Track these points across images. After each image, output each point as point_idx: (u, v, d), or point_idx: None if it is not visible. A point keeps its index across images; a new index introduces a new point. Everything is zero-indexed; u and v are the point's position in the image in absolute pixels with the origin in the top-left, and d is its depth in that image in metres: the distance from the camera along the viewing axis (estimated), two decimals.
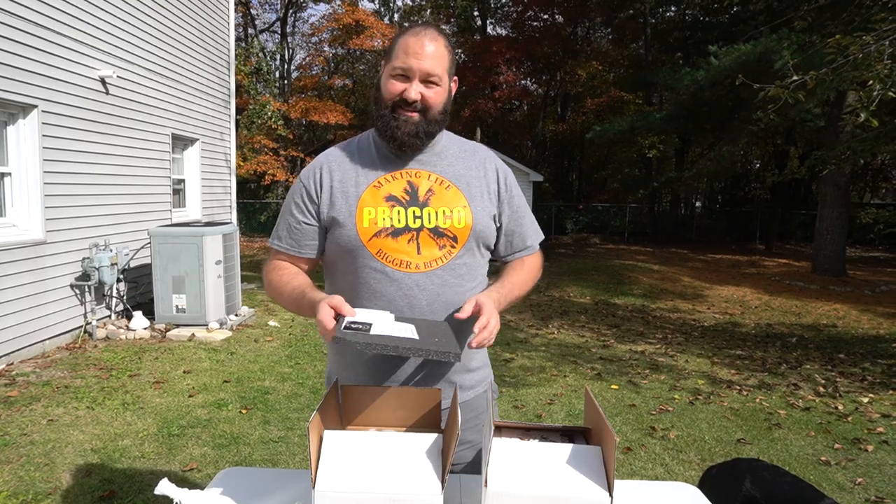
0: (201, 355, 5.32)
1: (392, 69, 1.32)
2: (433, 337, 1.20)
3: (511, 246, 1.50)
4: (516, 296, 1.44)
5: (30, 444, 3.40)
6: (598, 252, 16.73)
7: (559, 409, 4.23)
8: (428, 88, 1.32)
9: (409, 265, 1.33)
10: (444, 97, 1.36)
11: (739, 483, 1.66)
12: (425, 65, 1.29)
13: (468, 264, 1.38)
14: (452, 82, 1.39)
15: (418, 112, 1.33)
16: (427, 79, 1.31)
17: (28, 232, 5.17)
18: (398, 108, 1.33)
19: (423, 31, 1.32)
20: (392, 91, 1.32)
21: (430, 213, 1.35)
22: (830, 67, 5.11)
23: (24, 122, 5.10)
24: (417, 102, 1.32)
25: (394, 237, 1.33)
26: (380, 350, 1.11)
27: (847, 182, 12.54)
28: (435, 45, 1.31)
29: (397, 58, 1.31)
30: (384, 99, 1.34)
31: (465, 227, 1.36)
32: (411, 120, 1.33)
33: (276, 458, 3.33)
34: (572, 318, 7.83)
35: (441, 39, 1.33)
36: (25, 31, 4.98)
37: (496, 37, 23.08)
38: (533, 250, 1.54)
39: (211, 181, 8.92)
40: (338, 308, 1.19)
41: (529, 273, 1.50)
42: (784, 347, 6.47)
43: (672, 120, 15.19)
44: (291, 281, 1.38)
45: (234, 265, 6.55)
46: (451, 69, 1.37)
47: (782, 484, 1.64)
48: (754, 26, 12.28)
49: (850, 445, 3.71)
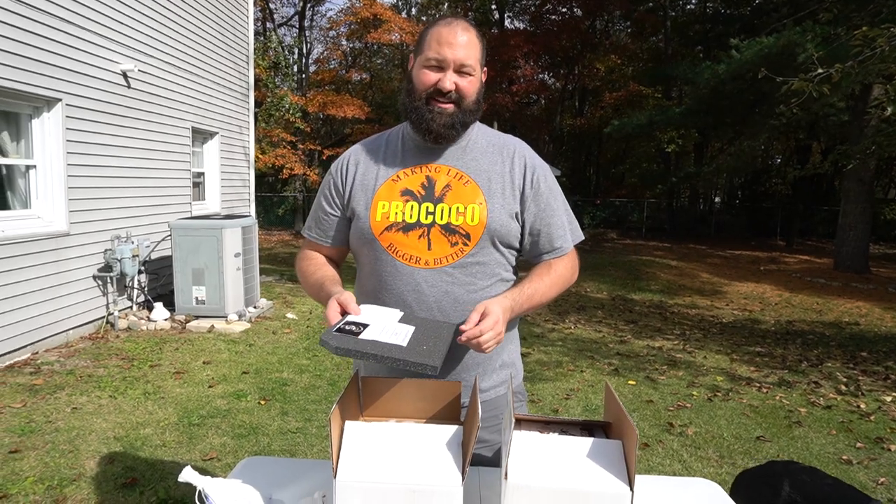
0: (220, 346, 5.38)
1: (425, 59, 1.31)
2: (423, 344, 1.18)
3: (537, 247, 1.41)
4: (538, 302, 1.36)
5: (55, 431, 3.47)
6: (615, 247, 16.61)
7: (576, 404, 4.22)
8: (462, 78, 1.31)
9: (419, 261, 1.32)
10: (478, 87, 1.35)
11: (778, 487, 1.57)
12: (459, 54, 1.29)
13: (482, 263, 1.34)
14: (483, 72, 1.39)
15: (453, 103, 1.32)
16: (461, 69, 1.30)
17: (52, 224, 5.26)
18: (432, 100, 1.31)
19: (455, 22, 1.32)
20: (426, 82, 1.31)
21: (443, 209, 1.33)
22: (857, 60, 5.02)
23: (49, 115, 5.18)
24: (452, 93, 1.30)
25: (404, 232, 1.33)
26: (359, 357, 1.13)
27: (871, 177, 12.31)
28: (468, 35, 1.30)
29: (430, 48, 1.30)
30: (417, 90, 1.33)
31: (478, 224, 1.32)
32: (446, 111, 1.31)
33: (294, 449, 3.36)
34: (589, 314, 7.79)
35: (472, 30, 1.33)
36: (50, 26, 5.05)
37: (514, 30, 22.94)
38: (561, 252, 1.43)
39: (230, 174, 9.00)
40: (344, 305, 1.22)
41: (557, 278, 1.40)
42: (805, 345, 6.39)
43: (691, 114, 15.00)
44: (316, 272, 1.42)
45: (252, 258, 6.61)
46: (483, 59, 1.36)
47: (823, 486, 1.56)
48: (777, 19, 12.09)
49: (873, 444, 3.66)
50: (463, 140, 1.40)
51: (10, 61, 4.63)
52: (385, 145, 1.44)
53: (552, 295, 1.40)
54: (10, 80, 4.63)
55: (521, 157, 1.42)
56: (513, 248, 1.41)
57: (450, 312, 1.33)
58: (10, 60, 4.63)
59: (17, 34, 4.69)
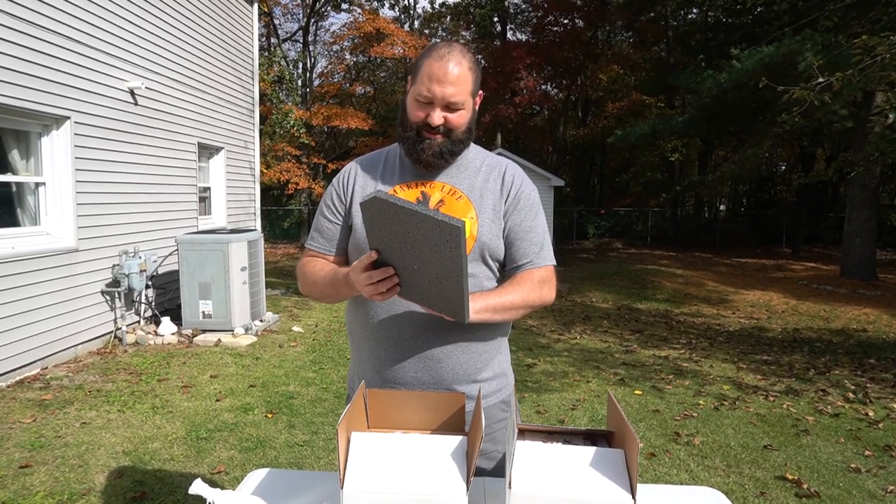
0: (227, 360, 5.40)
1: (417, 93, 1.34)
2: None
3: (509, 256, 1.44)
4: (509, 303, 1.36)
5: (64, 445, 3.50)
6: (620, 257, 16.60)
7: (582, 415, 4.21)
8: (451, 113, 1.34)
9: None
10: (468, 117, 1.38)
11: None
12: (448, 91, 1.31)
13: (472, 275, 1.38)
14: (478, 97, 1.41)
15: (442, 134, 1.36)
16: (450, 105, 1.33)
17: (61, 240, 5.32)
18: (422, 132, 1.36)
19: (448, 55, 1.32)
20: (416, 117, 1.36)
21: None
22: (857, 68, 5.04)
23: (58, 133, 5.26)
24: (441, 126, 1.34)
25: None
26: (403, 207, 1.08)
27: (876, 184, 12.29)
28: (460, 69, 1.31)
29: (422, 83, 1.33)
30: (409, 122, 1.38)
31: (469, 237, 1.37)
32: (435, 142, 1.36)
33: (301, 462, 3.38)
34: (595, 324, 7.79)
35: (465, 61, 1.33)
36: (59, 45, 5.14)
37: (516, 42, 23.13)
38: (532, 266, 1.43)
39: (236, 189, 9.07)
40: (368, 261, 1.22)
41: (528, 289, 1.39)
42: (812, 353, 6.36)
43: (694, 123, 15.04)
44: (325, 268, 1.45)
45: (258, 271, 6.65)
46: (476, 87, 1.38)
47: None
48: (778, 27, 12.13)
49: (882, 452, 3.64)
50: (458, 159, 1.45)
51: (20, 80, 4.71)
52: (384, 161, 1.50)
53: (517, 302, 1.38)
54: (19, 98, 4.71)
55: (511, 175, 1.46)
56: (500, 261, 1.46)
57: (439, 322, 1.36)
58: (19, 80, 4.71)
59: (25, 53, 4.77)
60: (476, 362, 1.43)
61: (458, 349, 1.40)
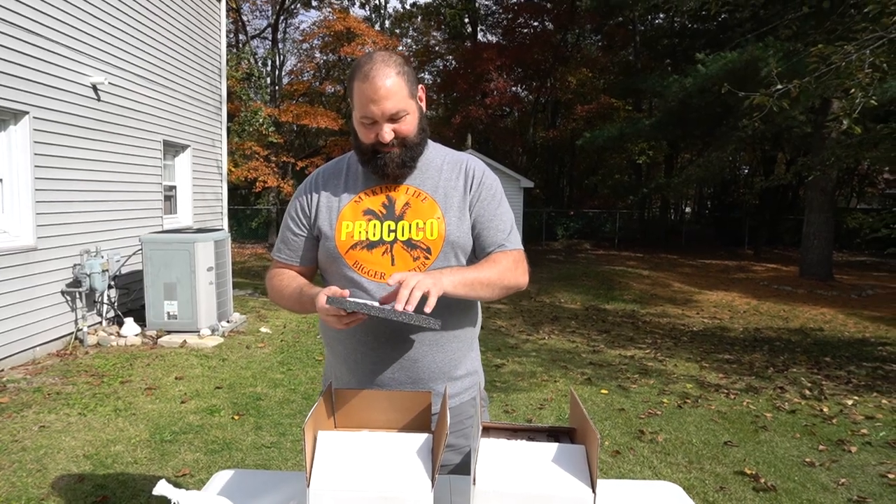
0: (193, 362, 5.32)
1: (359, 117, 1.36)
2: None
3: (478, 242, 1.45)
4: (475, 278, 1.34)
5: (21, 450, 3.40)
6: (588, 258, 16.83)
7: (549, 414, 4.27)
8: (398, 123, 1.35)
9: (384, 276, 1.38)
10: (416, 120, 1.39)
11: None
12: (386, 106, 1.32)
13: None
14: (420, 94, 1.42)
15: (396, 146, 1.37)
16: (393, 118, 1.34)
17: (19, 238, 5.17)
18: (378, 150, 1.37)
19: (371, 70, 1.30)
20: (366, 139, 1.37)
21: (404, 226, 1.40)
22: (814, 76, 5.22)
23: (16, 128, 5.10)
24: (393, 140, 1.36)
25: (369, 249, 1.40)
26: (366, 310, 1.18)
27: (833, 187, 12.71)
28: (388, 81, 1.31)
29: (360, 107, 1.34)
30: (363, 144, 1.39)
31: (437, 237, 1.39)
32: (394, 154, 1.37)
33: (268, 464, 3.35)
34: (563, 324, 7.88)
35: (391, 69, 1.31)
36: (18, 38, 4.99)
37: (487, 43, 23.21)
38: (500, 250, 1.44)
39: (202, 188, 8.92)
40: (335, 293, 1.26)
41: (499, 269, 1.40)
42: (771, 351, 6.55)
43: (661, 126, 15.34)
44: (291, 283, 1.47)
45: (225, 272, 6.56)
46: (413, 86, 1.37)
47: None
48: (741, 34, 12.47)
49: (835, 447, 3.78)
50: (419, 161, 1.45)
51: None
52: (346, 169, 1.50)
53: (493, 279, 1.38)
54: None
55: (472, 168, 1.48)
56: (470, 253, 1.47)
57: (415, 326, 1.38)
58: None
59: None
60: (451, 360, 1.46)
61: (434, 348, 1.42)
